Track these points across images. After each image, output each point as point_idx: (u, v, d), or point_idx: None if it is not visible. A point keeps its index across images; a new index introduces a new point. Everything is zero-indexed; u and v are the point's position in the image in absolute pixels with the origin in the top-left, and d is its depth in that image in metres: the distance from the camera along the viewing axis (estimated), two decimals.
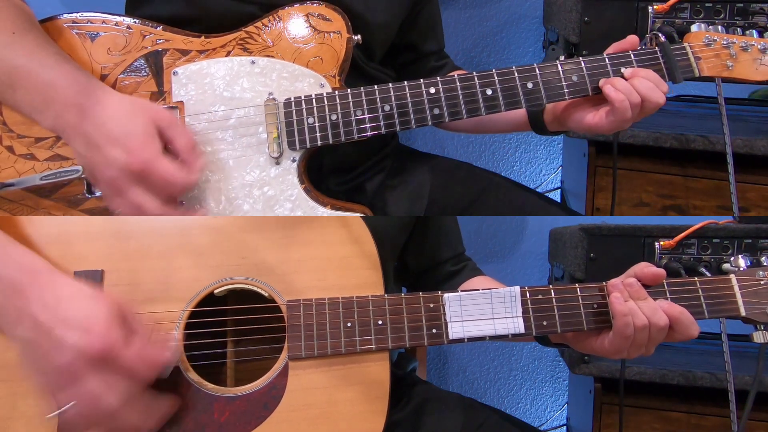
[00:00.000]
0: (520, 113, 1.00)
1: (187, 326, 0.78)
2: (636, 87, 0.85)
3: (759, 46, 0.92)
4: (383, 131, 0.87)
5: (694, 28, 0.93)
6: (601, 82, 0.87)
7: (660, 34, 0.92)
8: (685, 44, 0.91)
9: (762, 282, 0.85)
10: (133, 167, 0.74)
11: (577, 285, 0.83)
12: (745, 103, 1.53)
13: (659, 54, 0.90)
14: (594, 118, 0.89)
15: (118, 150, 0.74)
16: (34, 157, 0.84)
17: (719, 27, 0.93)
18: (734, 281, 0.85)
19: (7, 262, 0.69)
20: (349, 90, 0.87)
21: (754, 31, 0.93)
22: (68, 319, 0.66)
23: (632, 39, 0.90)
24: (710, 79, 0.94)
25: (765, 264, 1.17)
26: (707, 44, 0.91)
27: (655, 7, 1.19)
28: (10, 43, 0.76)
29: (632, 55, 0.89)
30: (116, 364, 0.67)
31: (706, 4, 1.20)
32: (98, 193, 0.85)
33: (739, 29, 0.94)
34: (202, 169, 0.80)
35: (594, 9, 1.23)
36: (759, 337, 0.86)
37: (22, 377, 0.75)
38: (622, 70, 0.87)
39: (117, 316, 0.68)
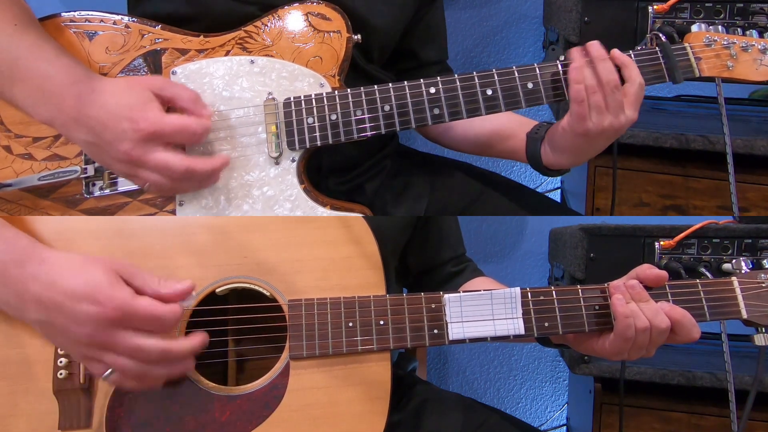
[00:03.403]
0: (520, 149, 0.98)
1: (189, 325, 0.78)
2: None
3: (759, 47, 0.92)
4: (383, 131, 0.87)
5: (694, 28, 0.93)
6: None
7: (661, 34, 0.92)
8: (686, 44, 0.91)
9: (764, 285, 0.85)
10: (144, 131, 0.75)
11: (578, 286, 0.83)
12: (745, 103, 1.53)
13: (659, 54, 0.90)
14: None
15: (124, 122, 0.75)
16: (32, 156, 0.84)
17: (720, 27, 0.93)
18: (736, 284, 0.85)
19: None
20: (348, 90, 0.86)
21: (754, 32, 0.93)
22: (71, 291, 0.67)
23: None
24: (710, 79, 0.94)
25: (767, 267, 1.16)
26: (707, 44, 0.91)
27: (655, 7, 1.19)
28: (11, 34, 0.76)
29: (633, 55, 0.88)
30: (137, 316, 0.68)
31: (706, 4, 1.19)
32: (97, 194, 0.85)
33: (739, 29, 0.93)
34: (211, 114, 0.81)
35: (594, 9, 1.23)
36: (760, 339, 0.86)
37: (23, 374, 0.75)
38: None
39: (116, 275, 0.69)
